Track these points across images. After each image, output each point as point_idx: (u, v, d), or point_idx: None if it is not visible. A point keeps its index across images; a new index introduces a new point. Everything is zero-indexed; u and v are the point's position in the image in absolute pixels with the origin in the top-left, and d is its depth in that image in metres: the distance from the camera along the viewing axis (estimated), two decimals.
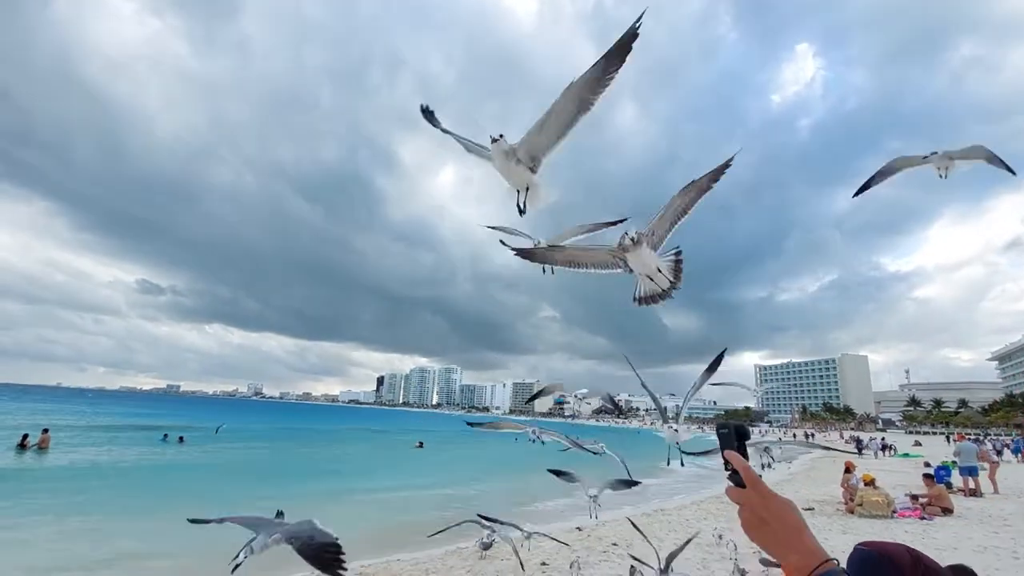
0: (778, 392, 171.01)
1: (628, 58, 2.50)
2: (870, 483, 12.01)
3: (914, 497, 11.77)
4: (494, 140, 2.87)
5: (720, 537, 8.95)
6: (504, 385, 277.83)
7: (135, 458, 23.51)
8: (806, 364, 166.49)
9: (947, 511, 11.34)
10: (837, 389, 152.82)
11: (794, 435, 79.03)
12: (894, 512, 11.09)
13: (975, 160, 4.67)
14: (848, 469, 13.37)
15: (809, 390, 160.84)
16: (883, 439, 44.39)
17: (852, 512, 11.35)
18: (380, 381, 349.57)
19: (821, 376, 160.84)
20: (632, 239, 2.92)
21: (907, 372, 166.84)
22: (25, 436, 22.72)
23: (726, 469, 1.02)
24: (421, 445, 38.00)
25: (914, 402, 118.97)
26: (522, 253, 3.55)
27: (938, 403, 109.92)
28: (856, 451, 37.75)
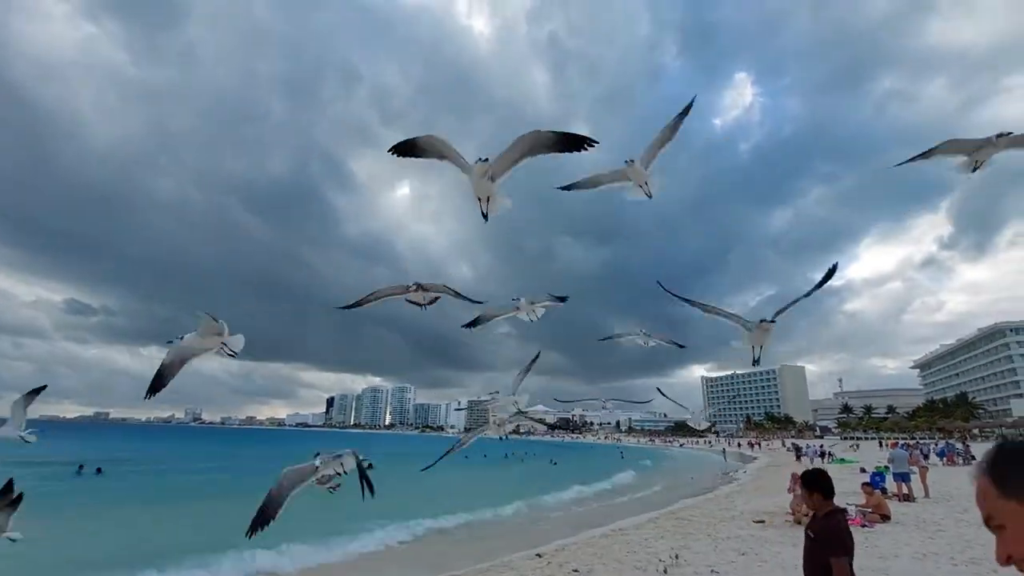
0: (724, 403, 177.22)
1: (574, 151, 3.50)
2: None
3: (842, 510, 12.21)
4: (481, 160, 3.66)
5: (676, 557, 8.96)
6: (458, 403, 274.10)
7: (33, 495, 21.21)
8: (749, 375, 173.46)
9: (885, 518, 11.85)
10: (778, 399, 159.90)
11: (739, 444, 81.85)
12: None
13: None
14: (795, 480, 13.78)
15: (752, 400, 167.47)
16: (821, 446, 46.63)
17: (800, 523, 11.65)
18: (330, 402, 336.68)
19: (763, 386, 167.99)
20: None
21: (840, 381, 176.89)
22: None
23: None
24: (370, 467, 36.69)
25: (847, 409, 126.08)
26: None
27: (868, 410, 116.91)
28: (796, 458, 39.47)
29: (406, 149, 3.69)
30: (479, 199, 3.96)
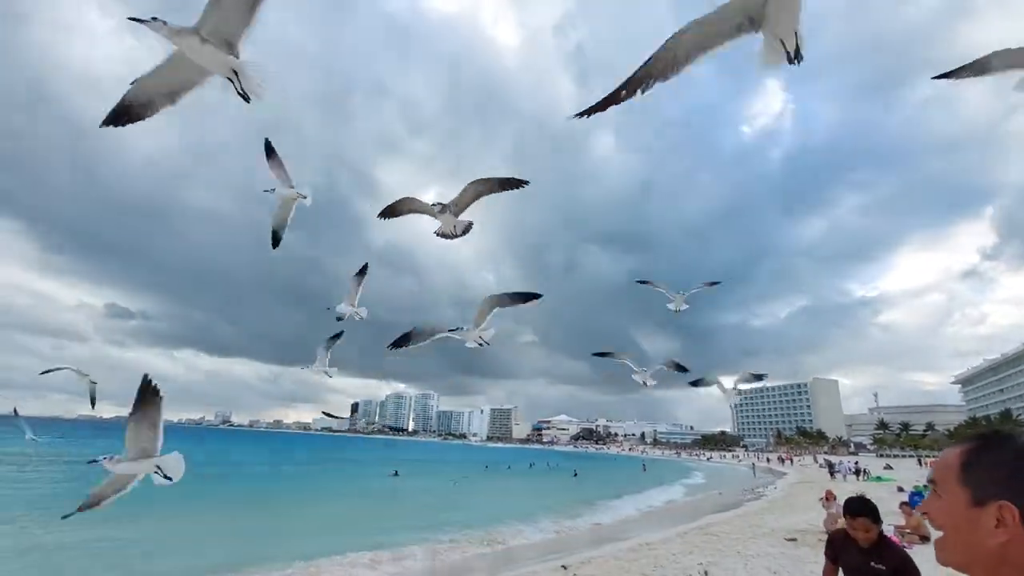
0: (753, 416, 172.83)
1: None
2: None
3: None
4: (152, 20, 2.70)
5: (705, 573, 8.76)
6: (482, 411, 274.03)
7: (62, 492, 21.89)
8: (779, 388, 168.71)
9: (925, 539, 11.38)
10: (810, 413, 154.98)
11: (768, 459, 79.59)
12: None
13: None
14: (828, 497, 13.36)
15: (782, 414, 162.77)
16: (856, 463, 44.96)
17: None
18: (355, 408, 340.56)
19: (793, 400, 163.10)
20: (442, 206, 4.57)
21: (875, 396, 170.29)
22: None
23: None
24: (396, 474, 37.36)
25: (883, 425, 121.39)
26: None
27: (906, 426, 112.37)
28: (830, 474, 38.26)
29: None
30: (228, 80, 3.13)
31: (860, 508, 3.27)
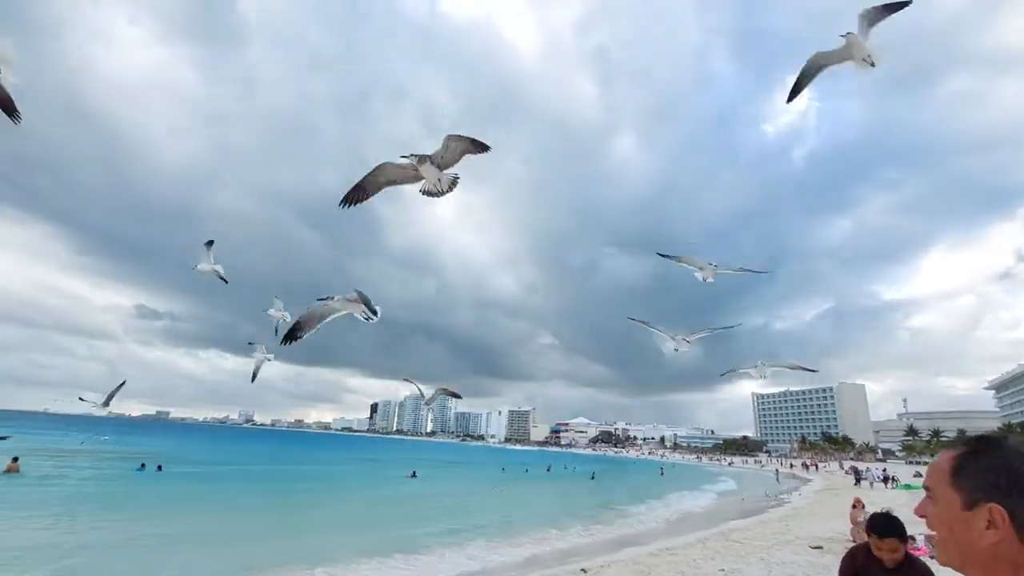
0: (776, 421, 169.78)
1: None
2: None
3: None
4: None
5: None
6: (500, 413, 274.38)
7: (94, 490, 22.45)
8: (803, 393, 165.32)
9: None
10: (835, 418, 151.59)
11: (791, 465, 78.00)
12: None
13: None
14: (856, 505, 13.04)
15: (807, 419, 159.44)
16: (884, 470, 43.80)
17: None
18: (374, 408, 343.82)
19: (819, 405, 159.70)
20: (419, 158, 4.13)
21: (904, 401, 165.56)
22: None
23: None
24: (414, 475, 37.48)
25: (912, 432, 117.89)
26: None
27: (936, 433, 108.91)
28: (855, 481, 37.35)
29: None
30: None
31: (888, 528, 3.02)
